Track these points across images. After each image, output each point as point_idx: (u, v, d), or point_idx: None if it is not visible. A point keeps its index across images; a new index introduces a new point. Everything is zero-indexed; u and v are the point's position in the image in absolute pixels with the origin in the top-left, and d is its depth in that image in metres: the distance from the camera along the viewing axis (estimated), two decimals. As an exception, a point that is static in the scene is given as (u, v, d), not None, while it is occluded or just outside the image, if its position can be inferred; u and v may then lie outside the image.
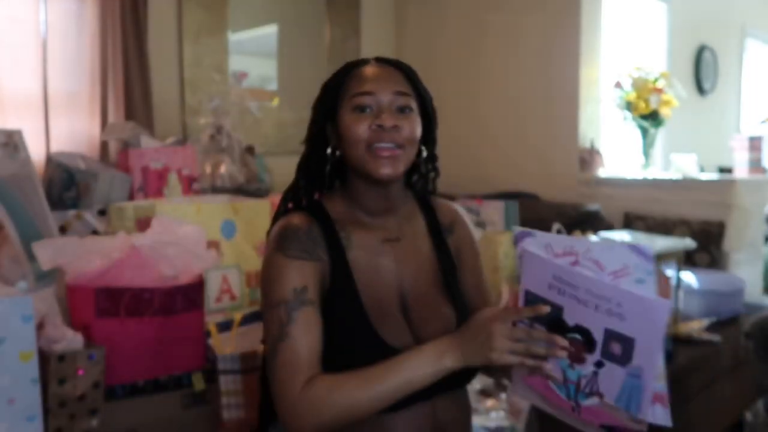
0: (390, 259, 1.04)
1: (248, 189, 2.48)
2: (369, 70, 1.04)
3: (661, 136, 3.08)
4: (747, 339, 1.88)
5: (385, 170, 0.98)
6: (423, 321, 1.01)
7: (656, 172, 3.03)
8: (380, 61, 1.08)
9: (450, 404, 1.00)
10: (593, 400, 0.85)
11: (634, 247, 0.83)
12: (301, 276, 0.96)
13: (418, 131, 1.02)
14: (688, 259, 2.61)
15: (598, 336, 0.82)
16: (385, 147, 0.97)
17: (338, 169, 1.07)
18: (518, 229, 0.90)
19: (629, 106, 2.92)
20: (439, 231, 1.12)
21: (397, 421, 0.94)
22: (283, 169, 1.14)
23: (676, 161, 3.13)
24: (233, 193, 2.36)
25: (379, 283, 1.01)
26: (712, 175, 3.40)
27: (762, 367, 1.82)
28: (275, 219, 1.07)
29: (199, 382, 1.41)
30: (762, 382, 1.82)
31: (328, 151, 1.05)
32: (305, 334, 0.93)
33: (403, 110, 1.00)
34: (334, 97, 1.03)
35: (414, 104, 1.02)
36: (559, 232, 2.54)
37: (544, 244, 0.87)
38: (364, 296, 0.99)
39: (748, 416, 1.67)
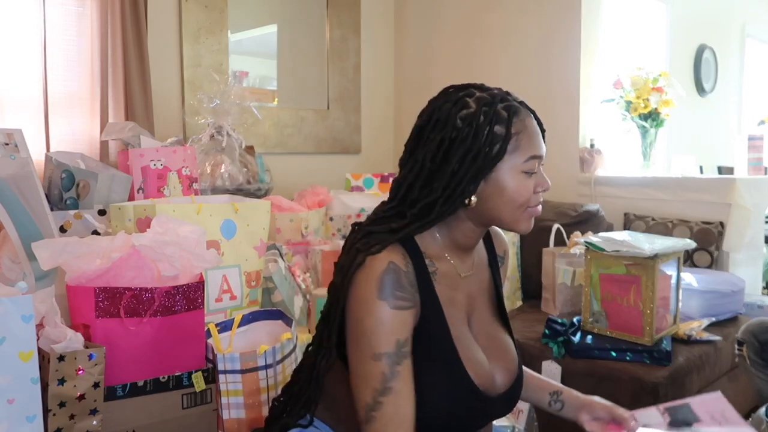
0: (464, 294, 1.06)
1: (248, 189, 2.48)
2: (531, 125, 1.00)
3: (661, 136, 3.08)
4: (740, 346, 1.87)
5: (529, 227, 1.03)
6: (493, 356, 1.05)
7: (656, 172, 3.03)
8: (523, 105, 1.03)
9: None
10: None
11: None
12: (405, 327, 0.94)
13: None
14: (688, 259, 2.62)
15: None
16: (537, 208, 1.02)
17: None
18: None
19: (629, 106, 2.92)
20: (495, 261, 1.16)
21: None
22: (283, 169, 1.13)
23: (676, 161, 3.13)
24: (233, 193, 2.36)
25: (457, 316, 1.03)
26: (712, 175, 3.40)
27: (759, 374, 1.82)
28: (367, 242, 0.99)
29: (199, 382, 1.41)
30: (761, 389, 1.82)
31: (473, 200, 0.99)
32: (407, 388, 0.93)
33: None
34: (501, 151, 0.97)
35: None
36: (558, 232, 2.54)
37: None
38: (452, 330, 1.00)
39: (750, 422, 1.66)
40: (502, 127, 0.96)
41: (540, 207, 1.03)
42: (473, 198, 0.98)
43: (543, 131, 1.03)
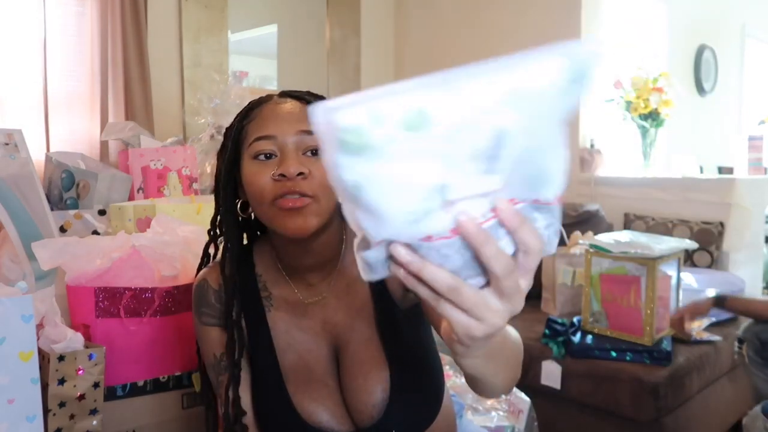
0: (316, 321, 0.93)
1: (248, 189, 2.48)
2: (269, 108, 0.89)
3: (661, 136, 3.08)
4: (740, 344, 1.88)
5: (294, 225, 0.83)
6: (355, 387, 0.89)
7: (656, 172, 3.03)
8: (284, 95, 0.92)
9: None
10: None
11: None
12: (218, 343, 0.94)
13: None
14: (688, 259, 2.61)
15: None
16: (290, 199, 0.82)
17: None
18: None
19: (629, 106, 2.92)
20: None
21: None
22: None
23: (676, 161, 3.13)
24: (233, 193, 2.35)
25: (304, 346, 0.92)
26: (712, 175, 3.40)
27: (759, 373, 1.82)
28: (203, 257, 1.02)
29: (199, 383, 1.41)
30: (759, 387, 1.82)
31: (238, 206, 0.93)
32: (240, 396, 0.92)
33: (314, 152, 0.85)
34: (236, 146, 0.90)
35: None
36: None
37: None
38: (285, 361, 0.91)
39: (746, 420, 1.67)
40: (240, 121, 0.90)
41: (303, 201, 0.82)
42: (238, 202, 0.93)
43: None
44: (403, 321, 0.93)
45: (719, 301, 1.84)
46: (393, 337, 0.91)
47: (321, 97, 0.92)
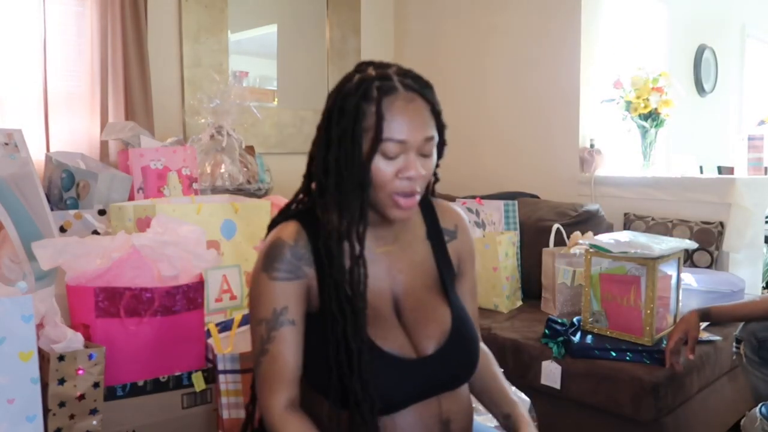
0: (381, 267, 1.06)
1: (248, 189, 2.48)
2: (400, 107, 0.96)
3: (661, 136, 3.08)
4: (738, 344, 1.88)
5: (400, 215, 1.00)
6: (418, 323, 1.05)
7: (656, 172, 3.03)
8: (408, 87, 0.98)
9: (453, 399, 1.05)
10: None
11: None
12: (282, 297, 1.00)
13: (434, 164, 1.03)
14: (688, 259, 2.62)
15: None
16: (407, 195, 0.98)
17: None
18: None
19: (629, 106, 2.92)
20: (439, 235, 1.14)
21: (406, 415, 1.00)
22: (283, 169, 1.10)
23: (676, 161, 3.13)
24: (233, 193, 2.36)
25: (370, 289, 1.02)
26: (712, 175, 3.40)
27: (756, 373, 1.82)
28: (275, 221, 1.09)
29: (199, 382, 1.41)
30: (757, 387, 1.82)
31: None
32: (283, 352, 0.99)
33: (427, 154, 0.99)
34: (358, 122, 0.96)
35: (435, 141, 1.01)
36: (558, 232, 2.54)
37: None
38: None
39: (744, 421, 1.67)
40: (369, 104, 0.95)
41: (413, 198, 0.99)
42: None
43: (437, 115, 1.00)
44: (454, 282, 1.13)
45: (704, 316, 1.81)
46: (452, 288, 1.11)
47: (431, 87, 1.02)
